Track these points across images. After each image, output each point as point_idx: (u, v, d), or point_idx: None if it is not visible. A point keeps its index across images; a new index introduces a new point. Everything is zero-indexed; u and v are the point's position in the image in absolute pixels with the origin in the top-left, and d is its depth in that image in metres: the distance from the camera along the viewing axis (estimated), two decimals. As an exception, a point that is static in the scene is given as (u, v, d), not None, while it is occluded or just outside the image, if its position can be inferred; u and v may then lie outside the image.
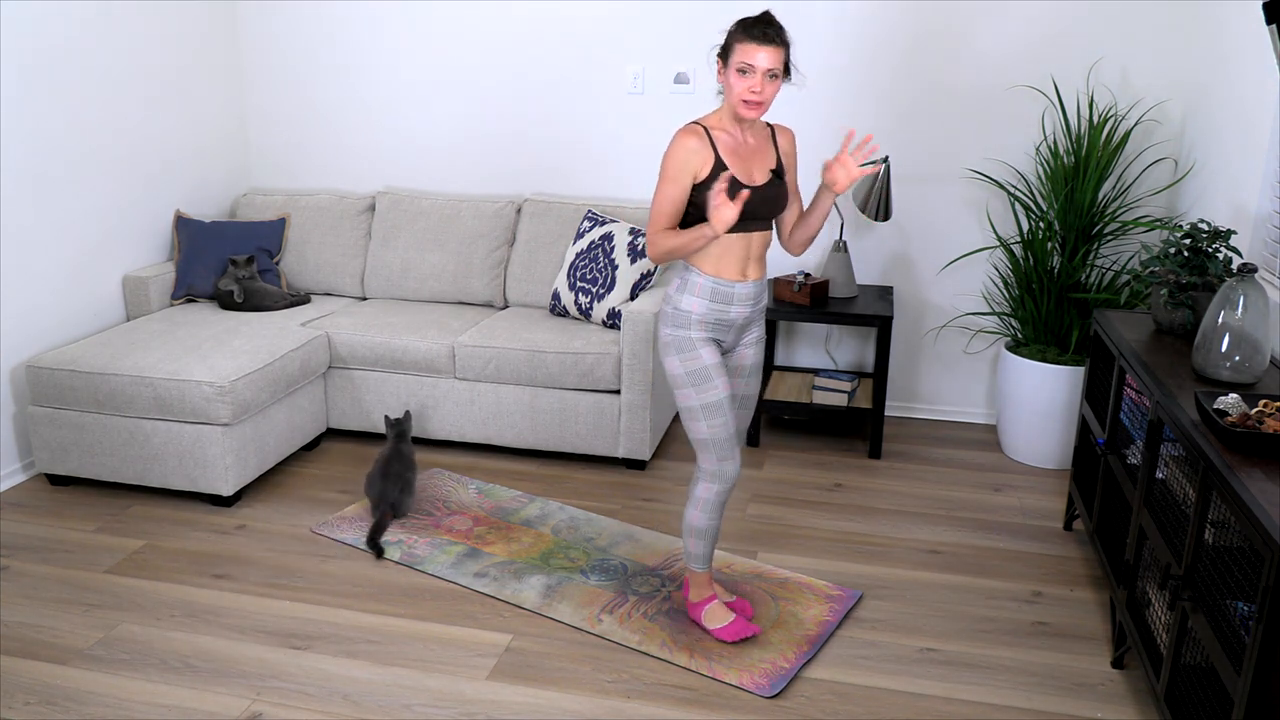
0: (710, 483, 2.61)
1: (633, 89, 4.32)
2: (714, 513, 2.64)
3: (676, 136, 2.47)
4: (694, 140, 2.45)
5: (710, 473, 2.60)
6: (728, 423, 2.56)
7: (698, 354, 2.52)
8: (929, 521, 3.47)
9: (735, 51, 2.42)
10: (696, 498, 2.64)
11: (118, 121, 3.96)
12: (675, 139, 2.46)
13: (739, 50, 2.41)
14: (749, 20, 2.43)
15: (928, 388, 4.43)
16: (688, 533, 2.68)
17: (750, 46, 2.40)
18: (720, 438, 2.56)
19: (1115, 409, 2.94)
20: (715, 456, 2.58)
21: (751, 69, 2.40)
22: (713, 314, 2.54)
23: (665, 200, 2.48)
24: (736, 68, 2.42)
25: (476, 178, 4.59)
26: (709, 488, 2.62)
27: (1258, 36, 3.18)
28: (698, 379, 2.52)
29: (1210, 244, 2.88)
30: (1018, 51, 3.98)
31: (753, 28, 2.41)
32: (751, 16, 2.45)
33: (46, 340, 3.71)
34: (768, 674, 2.58)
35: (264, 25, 4.59)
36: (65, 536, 3.26)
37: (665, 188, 2.47)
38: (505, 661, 2.64)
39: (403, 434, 3.43)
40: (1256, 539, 1.78)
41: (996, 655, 2.70)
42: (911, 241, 4.27)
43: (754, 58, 2.39)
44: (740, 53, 2.41)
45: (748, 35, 2.40)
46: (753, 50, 2.40)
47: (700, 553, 2.70)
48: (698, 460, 2.63)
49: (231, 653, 2.66)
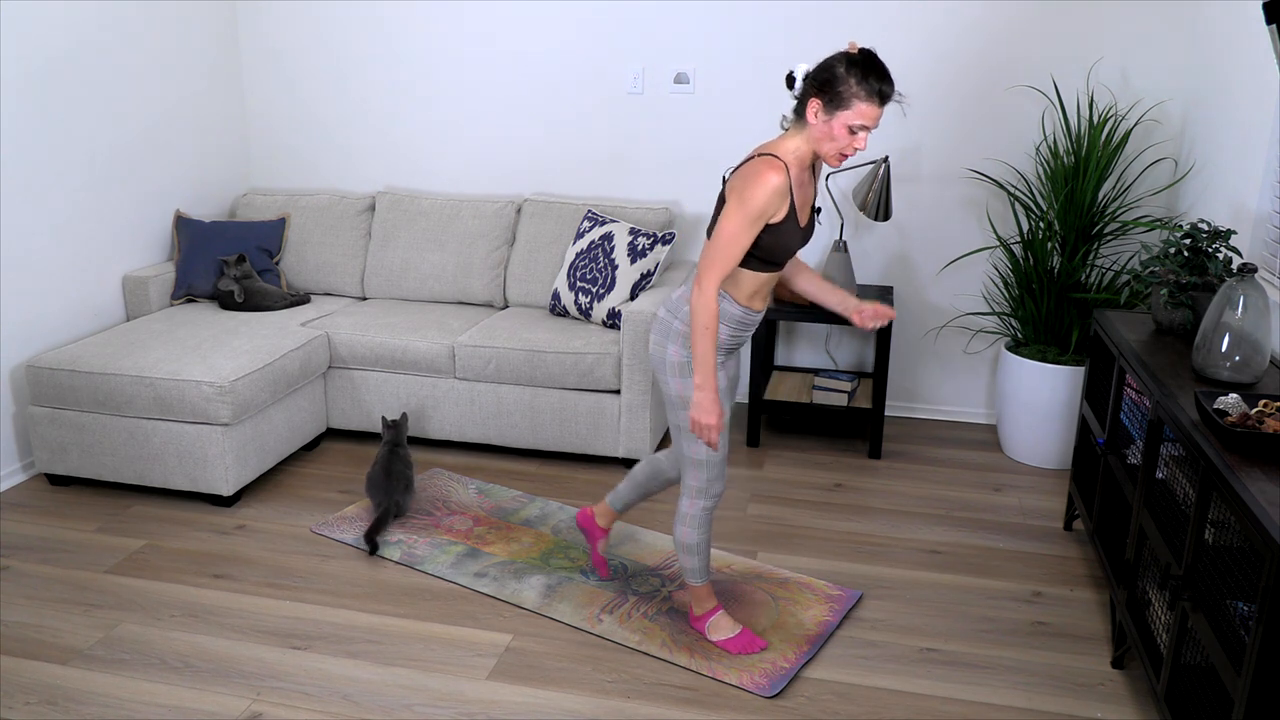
0: (697, 499, 2.59)
1: (633, 89, 4.32)
2: (704, 527, 2.63)
3: (764, 172, 2.27)
4: (781, 180, 2.28)
5: (698, 490, 2.58)
6: (725, 444, 2.55)
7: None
8: (929, 521, 3.47)
9: (853, 108, 2.22)
10: (684, 514, 2.62)
11: (118, 122, 3.96)
12: (761, 178, 2.27)
13: (859, 109, 2.22)
14: (867, 69, 2.22)
15: (928, 388, 4.43)
16: (681, 550, 2.67)
17: (873, 109, 2.23)
18: (716, 459, 2.55)
19: (1115, 409, 2.94)
20: (707, 476, 2.56)
21: (865, 129, 2.25)
22: (732, 341, 2.52)
23: (737, 245, 2.30)
24: (849, 125, 2.24)
25: (476, 178, 4.59)
26: (695, 504, 2.60)
27: (1257, 36, 3.18)
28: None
29: (1210, 244, 2.88)
30: (1018, 51, 3.98)
31: (878, 86, 2.22)
32: (866, 62, 2.22)
33: (46, 340, 3.71)
34: (768, 674, 2.58)
35: (264, 25, 4.59)
36: (65, 536, 3.26)
37: (742, 232, 2.29)
38: (505, 661, 2.64)
39: (400, 435, 3.43)
40: (1256, 539, 1.78)
41: (996, 655, 2.70)
42: (911, 241, 4.27)
43: (872, 120, 2.24)
44: (859, 113, 2.22)
45: (872, 96, 2.22)
46: (873, 113, 2.23)
47: (697, 567, 2.68)
48: (684, 478, 2.60)
49: (231, 653, 2.66)
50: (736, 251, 2.31)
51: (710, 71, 4.23)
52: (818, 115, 2.27)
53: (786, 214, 2.34)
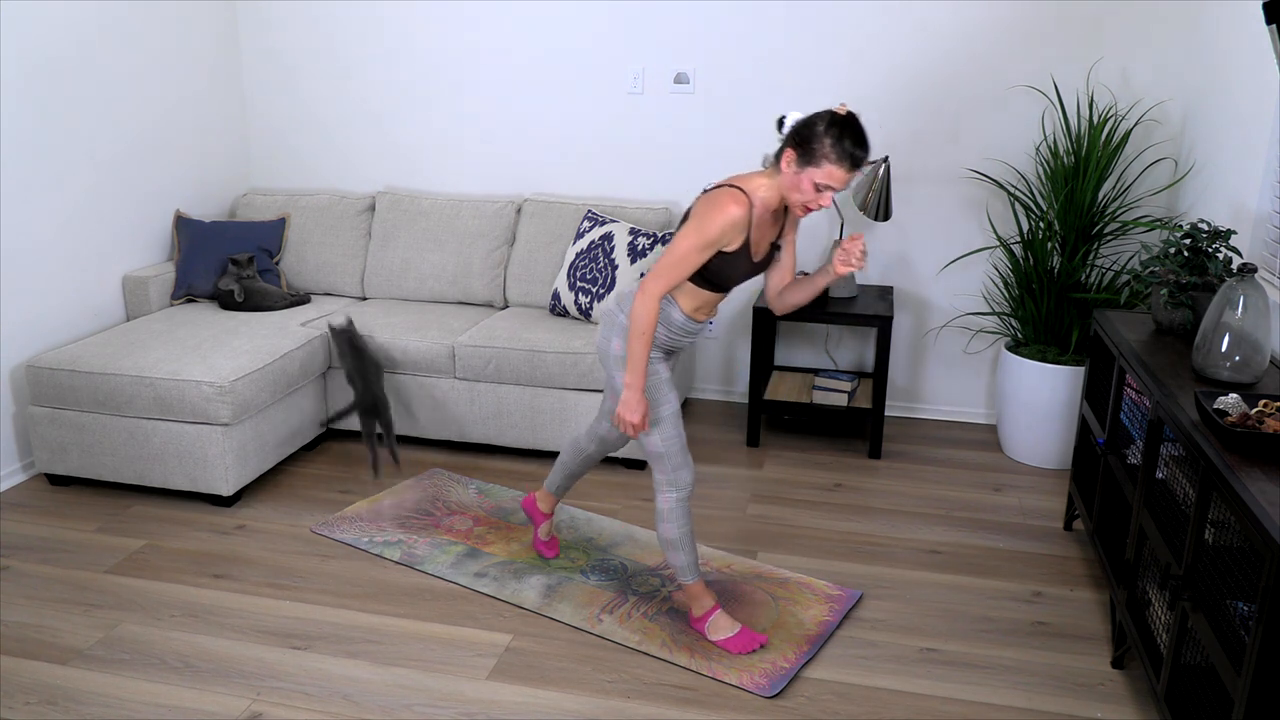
0: (669, 491, 2.64)
1: (633, 89, 4.32)
2: (682, 520, 2.66)
3: (723, 205, 2.36)
4: (741, 214, 2.37)
5: (667, 481, 2.63)
6: (680, 433, 2.62)
7: (654, 370, 2.60)
8: (929, 521, 3.47)
9: (823, 168, 2.29)
10: (660, 511, 2.66)
11: (118, 122, 3.96)
12: (721, 208, 2.36)
13: (828, 170, 2.29)
14: (844, 132, 2.28)
15: (928, 388, 4.43)
16: (666, 548, 2.69)
17: (840, 173, 2.30)
18: (674, 449, 2.61)
19: (1115, 409, 2.94)
20: (670, 466, 2.62)
21: (830, 189, 2.32)
22: (671, 342, 2.64)
23: (687, 264, 2.41)
24: (816, 182, 2.31)
25: (476, 178, 4.59)
26: (668, 497, 2.64)
27: (1257, 37, 3.18)
28: (652, 394, 2.59)
29: (1210, 244, 2.88)
30: (1018, 51, 3.98)
31: (849, 150, 2.28)
32: (845, 124, 2.29)
33: (46, 340, 3.71)
34: (768, 674, 2.58)
35: (264, 25, 4.59)
36: (65, 536, 3.26)
37: (695, 254, 2.39)
38: (505, 661, 2.64)
39: (356, 338, 3.47)
40: (1256, 539, 1.78)
41: (996, 655, 2.70)
42: (911, 241, 4.27)
43: (840, 182, 2.31)
44: (828, 174, 2.29)
45: (841, 159, 2.28)
46: (841, 176, 2.30)
47: (684, 563, 2.69)
48: (654, 474, 2.66)
49: (231, 653, 2.66)
50: (686, 270, 2.43)
51: (710, 71, 4.23)
52: (790, 165, 2.36)
53: (740, 247, 2.43)
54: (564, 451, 3.02)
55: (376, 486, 3.64)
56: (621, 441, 2.93)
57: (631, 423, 2.52)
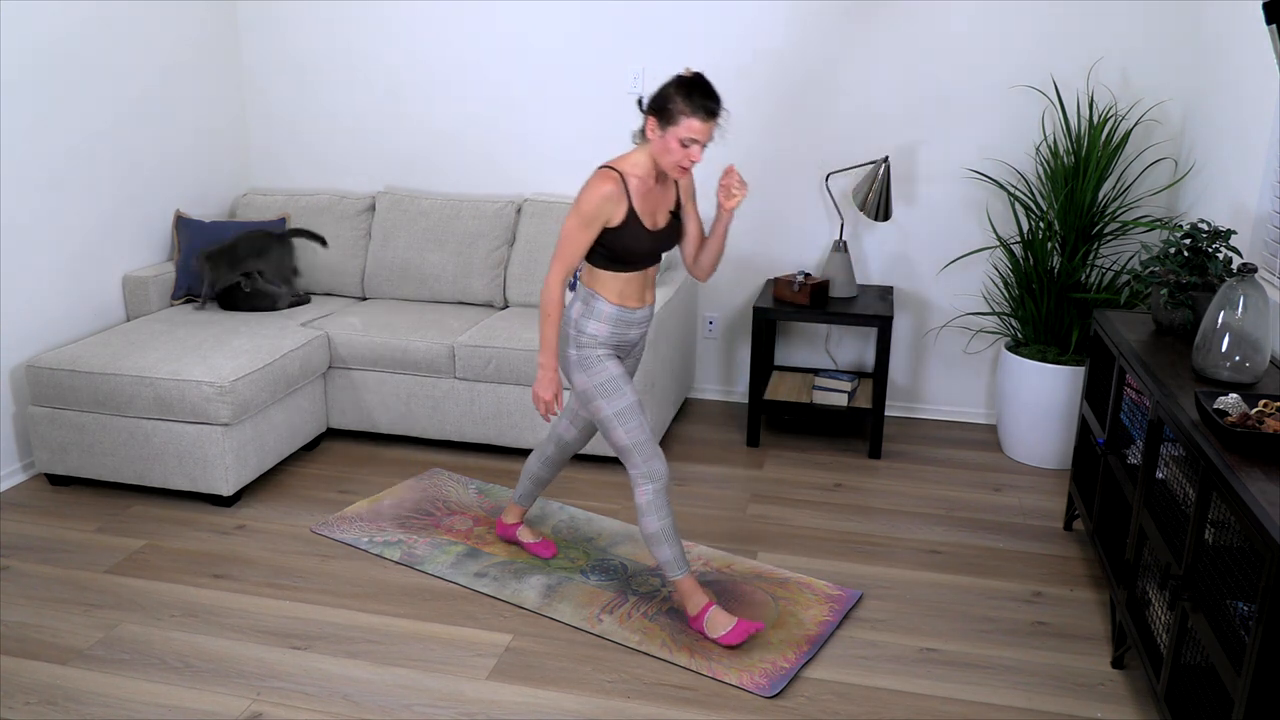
0: (644, 484, 2.68)
1: (633, 89, 4.32)
2: (661, 512, 2.69)
3: (594, 183, 2.53)
4: (611, 188, 2.53)
5: (641, 474, 2.68)
6: (643, 425, 2.68)
7: (604, 367, 2.67)
8: (929, 521, 3.47)
9: (679, 123, 2.47)
10: (640, 506, 2.70)
11: (118, 121, 3.96)
12: (592, 186, 2.53)
13: (684, 124, 2.47)
14: (692, 88, 2.47)
15: (928, 388, 4.43)
16: (650, 543, 2.72)
17: (696, 124, 2.47)
18: (640, 440, 2.67)
19: (1115, 409, 2.94)
20: (641, 458, 2.68)
21: (695, 142, 2.49)
22: (614, 337, 2.71)
23: (576, 244, 2.58)
24: (680, 139, 2.48)
25: (476, 178, 4.59)
26: (645, 490, 2.68)
27: (1257, 36, 3.18)
28: (607, 390, 2.66)
29: (1210, 244, 2.88)
30: (1018, 51, 3.98)
31: (700, 102, 2.46)
32: (692, 82, 2.48)
33: (46, 340, 3.71)
34: (768, 674, 2.58)
35: (264, 25, 4.59)
36: (65, 536, 3.26)
37: (578, 232, 2.56)
38: (505, 661, 2.64)
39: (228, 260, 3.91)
40: (1256, 539, 1.78)
41: (996, 655, 2.70)
42: (911, 241, 4.27)
43: (699, 133, 2.48)
44: (685, 127, 2.47)
45: (695, 111, 2.46)
46: (699, 127, 2.47)
47: (671, 558, 2.71)
48: (628, 471, 2.71)
49: (231, 653, 2.66)
50: (573, 249, 2.58)
51: (710, 71, 4.23)
52: (654, 132, 2.53)
53: (625, 219, 2.57)
54: (530, 460, 3.12)
55: (377, 486, 3.65)
56: (581, 441, 3.02)
57: (544, 399, 2.68)
